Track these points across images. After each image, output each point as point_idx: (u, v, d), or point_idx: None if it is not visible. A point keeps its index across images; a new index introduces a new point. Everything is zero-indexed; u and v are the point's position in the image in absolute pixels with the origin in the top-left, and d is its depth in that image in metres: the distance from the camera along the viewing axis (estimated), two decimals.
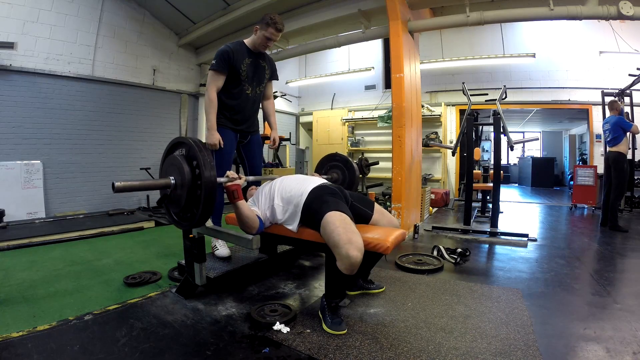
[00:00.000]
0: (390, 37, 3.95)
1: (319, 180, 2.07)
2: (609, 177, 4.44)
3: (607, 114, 5.73)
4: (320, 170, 2.94)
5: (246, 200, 2.10)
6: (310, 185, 1.96)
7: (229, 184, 1.87)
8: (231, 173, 1.91)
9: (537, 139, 13.06)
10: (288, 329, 1.76)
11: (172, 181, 1.69)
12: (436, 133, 7.00)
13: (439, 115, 6.96)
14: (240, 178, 1.93)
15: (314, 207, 1.84)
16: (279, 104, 7.89)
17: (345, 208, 1.85)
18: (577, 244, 3.72)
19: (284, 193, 2.01)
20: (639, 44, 5.84)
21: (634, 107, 5.52)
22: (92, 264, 2.92)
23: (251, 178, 2.34)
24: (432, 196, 6.03)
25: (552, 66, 6.46)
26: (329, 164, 2.95)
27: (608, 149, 4.48)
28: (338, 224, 1.70)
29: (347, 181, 2.87)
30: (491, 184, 4.35)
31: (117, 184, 1.46)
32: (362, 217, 2.08)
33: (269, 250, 2.57)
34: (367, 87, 7.98)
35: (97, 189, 5.24)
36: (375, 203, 2.22)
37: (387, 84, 7.56)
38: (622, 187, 4.31)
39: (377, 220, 2.11)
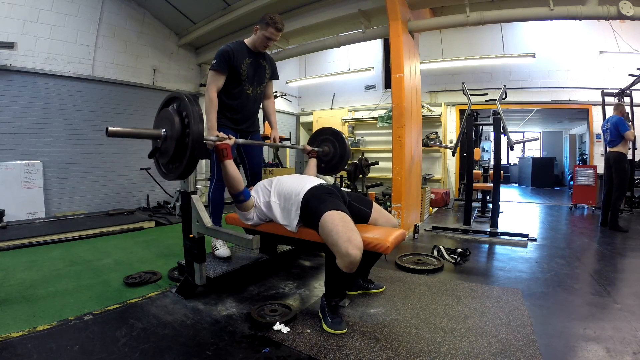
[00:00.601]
0: (390, 37, 3.95)
1: (316, 180, 2.08)
2: (609, 177, 4.43)
3: (608, 114, 5.76)
4: (312, 144, 2.90)
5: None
6: (307, 185, 1.97)
7: (219, 142, 1.93)
8: (220, 133, 1.98)
9: (537, 139, 13.06)
10: (288, 329, 1.76)
11: (163, 132, 1.71)
12: (436, 133, 7.00)
13: (439, 115, 6.96)
14: (230, 139, 1.99)
15: (312, 207, 1.85)
16: (279, 104, 7.89)
17: (343, 207, 1.85)
18: (577, 244, 3.72)
19: (280, 192, 2.02)
20: (639, 44, 5.84)
21: (634, 107, 5.52)
22: (92, 264, 2.92)
23: (241, 141, 2.27)
24: (432, 196, 6.03)
25: (552, 66, 6.46)
26: (320, 137, 2.93)
27: (608, 149, 4.48)
28: (337, 222, 1.70)
29: (338, 153, 2.85)
30: (491, 184, 4.36)
31: (110, 128, 1.49)
32: (360, 216, 2.08)
33: (269, 250, 2.57)
34: (367, 87, 7.98)
35: (97, 189, 5.24)
36: (374, 202, 2.22)
37: (387, 84, 7.56)
38: (623, 187, 4.31)
39: (376, 219, 2.11)
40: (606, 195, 4.47)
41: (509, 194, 8.55)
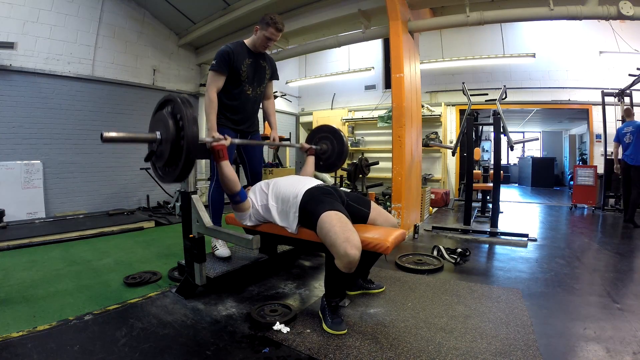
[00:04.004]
0: (390, 37, 3.95)
1: (313, 181, 2.08)
2: (627, 178, 4.65)
3: (608, 114, 5.77)
4: (310, 142, 2.90)
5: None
6: (305, 187, 1.97)
7: (215, 143, 1.94)
8: (216, 134, 2.00)
9: (537, 139, 13.06)
10: (288, 329, 1.76)
11: (158, 136, 1.71)
12: (436, 133, 7.00)
13: (439, 115, 6.96)
14: (226, 139, 1.99)
15: (310, 208, 1.85)
16: (279, 104, 7.89)
17: (341, 207, 1.85)
18: (577, 244, 3.72)
19: (278, 194, 2.02)
20: (639, 44, 5.83)
21: (634, 107, 5.51)
22: (92, 264, 2.92)
23: (237, 141, 2.29)
24: (432, 196, 6.03)
25: (552, 66, 6.46)
26: (318, 135, 2.94)
27: (625, 154, 4.65)
28: (334, 223, 1.70)
29: (336, 150, 2.85)
30: (491, 184, 4.35)
31: (105, 134, 1.48)
32: (358, 216, 2.08)
33: (269, 250, 2.57)
34: (367, 87, 7.98)
35: (97, 189, 5.24)
36: (372, 202, 2.22)
37: (387, 84, 7.56)
38: None
39: (374, 219, 2.11)
40: (626, 193, 4.69)
41: (509, 194, 8.55)
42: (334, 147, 2.86)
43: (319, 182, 2.09)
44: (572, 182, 6.50)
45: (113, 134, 1.51)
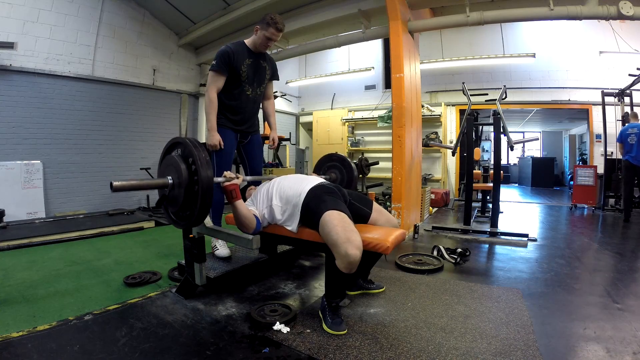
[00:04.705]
0: (390, 37, 3.95)
1: (317, 180, 2.07)
2: (629, 178, 4.76)
3: (608, 114, 5.77)
4: (318, 171, 2.95)
5: (245, 200, 2.10)
6: (308, 185, 1.96)
7: (227, 183, 1.87)
8: (228, 173, 1.91)
9: (537, 139, 13.06)
10: (288, 329, 1.76)
11: (169, 181, 1.70)
12: (436, 133, 7.00)
13: (439, 115, 6.96)
14: (237, 178, 1.93)
15: (312, 206, 1.84)
16: (279, 104, 7.89)
17: (343, 207, 1.85)
18: (577, 244, 3.72)
19: (282, 193, 2.01)
20: (639, 44, 5.83)
21: (634, 107, 5.52)
22: (92, 264, 2.92)
23: (249, 178, 2.34)
24: (432, 196, 6.03)
25: (552, 66, 6.46)
26: (327, 164, 2.95)
27: (629, 157, 4.73)
28: (336, 222, 1.70)
29: (345, 180, 2.87)
30: (491, 184, 4.35)
31: (115, 183, 1.46)
32: (360, 216, 2.08)
33: (269, 250, 2.57)
34: (367, 87, 7.98)
35: (97, 189, 5.24)
36: (374, 202, 2.22)
37: (387, 84, 7.56)
38: None
39: (376, 219, 2.11)
40: (627, 194, 4.81)
41: (509, 194, 8.55)
42: (343, 176, 2.87)
43: (322, 181, 2.09)
44: (572, 182, 6.50)
45: (123, 183, 1.49)
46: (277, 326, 1.77)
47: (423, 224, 4.65)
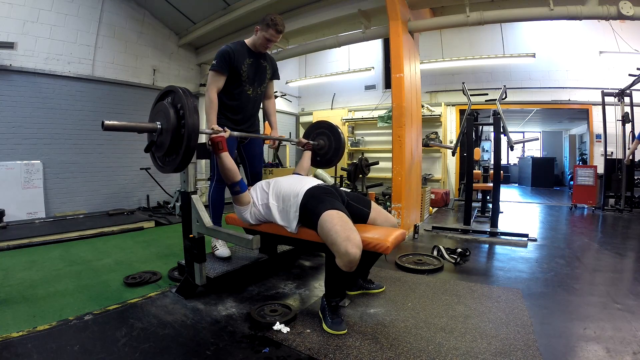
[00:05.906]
0: (390, 37, 3.95)
1: (314, 181, 2.08)
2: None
3: (608, 114, 5.77)
4: (307, 137, 2.94)
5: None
6: (305, 186, 1.97)
7: (214, 135, 1.96)
8: (216, 126, 2.02)
9: (537, 139, 13.06)
10: (288, 329, 1.76)
11: (158, 126, 1.72)
12: (436, 133, 7.00)
13: (439, 115, 6.96)
14: (225, 131, 2.02)
15: (310, 207, 1.85)
16: (279, 104, 7.88)
17: (341, 207, 1.85)
18: (577, 244, 3.72)
19: (279, 194, 2.02)
20: (639, 44, 5.83)
21: (634, 107, 5.52)
22: (92, 264, 2.92)
23: (236, 134, 2.28)
24: (432, 196, 6.03)
25: (552, 66, 6.46)
26: (316, 131, 2.96)
27: None
28: (335, 222, 1.70)
29: (333, 146, 2.88)
30: (491, 184, 4.36)
31: (106, 122, 1.50)
32: (359, 215, 2.09)
33: (269, 250, 2.57)
34: (367, 87, 7.98)
35: (97, 189, 5.24)
36: (372, 201, 2.23)
37: (387, 84, 7.56)
38: None
39: (374, 219, 2.12)
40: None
41: (509, 194, 8.55)
42: (331, 143, 2.89)
43: (320, 182, 2.10)
44: (572, 182, 6.50)
45: (114, 122, 1.53)
46: (277, 326, 1.77)
47: (423, 224, 4.65)
